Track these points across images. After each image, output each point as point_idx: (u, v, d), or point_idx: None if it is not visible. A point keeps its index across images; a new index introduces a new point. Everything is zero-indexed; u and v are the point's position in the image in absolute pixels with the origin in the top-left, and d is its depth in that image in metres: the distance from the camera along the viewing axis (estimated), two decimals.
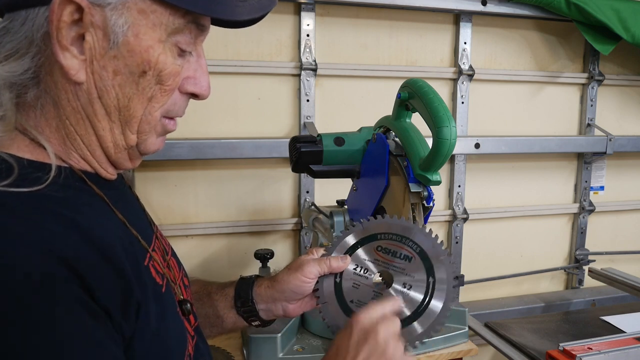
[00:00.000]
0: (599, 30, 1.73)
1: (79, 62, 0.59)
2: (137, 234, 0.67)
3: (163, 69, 0.62)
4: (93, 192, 0.64)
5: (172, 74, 0.63)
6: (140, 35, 0.59)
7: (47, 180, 0.57)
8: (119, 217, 0.66)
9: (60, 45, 0.57)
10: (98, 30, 0.58)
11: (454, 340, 1.24)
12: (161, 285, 0.68)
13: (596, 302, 1.93)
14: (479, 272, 1.90)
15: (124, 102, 0.62)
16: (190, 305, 0.75)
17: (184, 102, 0.69)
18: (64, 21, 0.56)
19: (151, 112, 0.64)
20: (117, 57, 0.60)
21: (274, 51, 1.60)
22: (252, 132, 1.59)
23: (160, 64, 0.61)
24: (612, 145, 1.88)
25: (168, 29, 0.61)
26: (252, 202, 1.64)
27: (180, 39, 0.63)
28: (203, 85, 0.68)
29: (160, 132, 0.69)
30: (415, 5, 1.63)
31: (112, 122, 0.63)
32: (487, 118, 1.85)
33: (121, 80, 0.61)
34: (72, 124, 0.62)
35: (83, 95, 0.61)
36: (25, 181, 0.56)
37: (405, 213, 0.93)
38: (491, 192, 1.91)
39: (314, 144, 1.11)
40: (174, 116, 0.69)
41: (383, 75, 1.70)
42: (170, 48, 0.62)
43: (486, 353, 1.87)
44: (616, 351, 1.19)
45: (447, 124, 0.84)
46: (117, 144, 0.65)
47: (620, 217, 2.08)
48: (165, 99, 0.65)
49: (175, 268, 0.79)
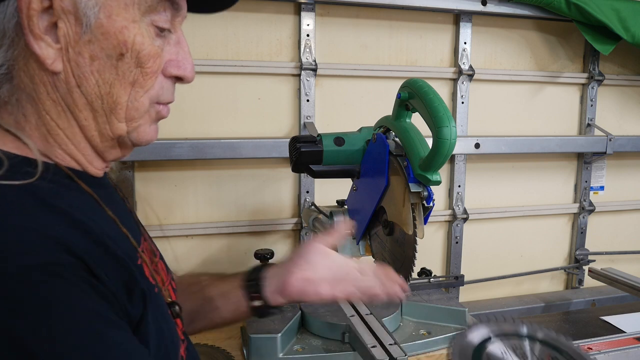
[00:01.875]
0: (599, 30, 1.73)
1: (54, 50, 0.57)
2: (127, 233, 0.66)
3: (141, 50, 0.60)
4: (82, 189, 0.62)
5: (151, 55, 0.61)
6: (113, 16, 0.57)
7: (36, 175, 0.56)
8: (110, 214, 0.64)
9: (33, 35, 0.55)
10: (70, 16, 0.56)
11: None
12: (154, 285, 0.67)
13: (596, 302, 1.93)
14: (479, 272, 1.90)
15: (105, 88, 0.60)
16: (180, 308, 0.73)
17: (171, 86, 0.67)
18: (33, 9, 0.55)
19: (137, 98, 0.62)
20: (92, 42, 0.58)
21: (274, 51, 1.60)
22: (252, 132, 1.59)
23: (137, 44, 0.59)
24: (612, 145, 1.88)
25: (141, 7, 0.59)
26: (252, 202, 1.64)
27: (156, 17, 0.61)
28: (187, 67, 0.66)
29: (154, 118, 0.67)
30: (415, 5, 1.63)
31: (95, 111, 0.61)
32: (487, 118, 1.85)
33: (99, 65, 0.59)
34: (53, 118, 0.60)
35: (62, 85, 0.59)
36: (17, 174, 0.55)
37: (406, 213, 0.93)
38: (491, 192, 1.91)
39: (314, 144, 1.11)
40: (164, 102, 0.67)
41: (383, 75, 1.70)
42: (147, 28, 0.61)
43: None
44: (616, 351, 1.19)
45: (447, 124, 0.84)
46: (103, 134, 0.63)
47: (620, 217, 2.08)
48: (149, 82, 0.63)
49: (164, 271, 0.78)
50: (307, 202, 1.64)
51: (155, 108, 0.66)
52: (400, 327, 1.27)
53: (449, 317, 1.28)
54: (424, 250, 1.40)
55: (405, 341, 1.18)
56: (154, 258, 0.75)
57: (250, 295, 0.88)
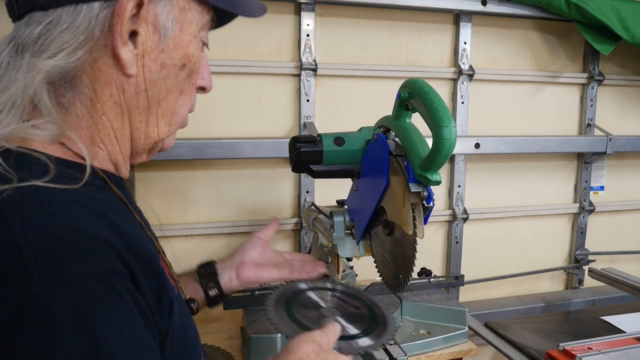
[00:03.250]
0: (599, 30, 1.73)
1: (133, 56, 0.61)
2: (152, 236, 0.70)
3: (195, 62, 0.67)
4: (113, 192, 0.66)
5: (198, 67, 0.68)
6: (184, 30, 0.64)
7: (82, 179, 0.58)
8: (137, 218, 0.67)
9: (122, 40, 0.60)
10: (150, 25, 0.61)
11: (454, 340, 1.24)
12: (174, 287, 0.68)
13: (596, 302, 1.93)
14: (479, 272, 1.90)
15: (164, 94, 0.66)
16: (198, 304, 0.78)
17: (195, 94, 0.73)
18: (127, 16, 0.59)
19: (182, 106, 0.69)
20: (165, 51, 0.63)
21: (274, 51, 1.60)
22: (252, 132, 1.59)
23: (194, 57, 0.67)
24: (612, 145, 1.88)
25: (199, 24, 0.66)
26: (252, 202, 1.64)
27: (204, 34, 0.68)
28: (208, 78, 0.72)
29: (182, 124, 0.72)
30: (415, 5, 1.63)
31: (150, 114, 0.66)
32: (487, 118, 1.85)
33: (166, 73, 0.64)
34: (109, 119, 0.63)
35: (130, 88, 0.63)
36: (62, 179, 0.56)
37: (406, 213, 0.93)
38: (491, 192, 1.91)
39: (314, 144, 1.11)
40: (191, 110, 0.73)
41: (383, 75, 1.70)
42: (199, 43, 0.68)
43: (486, 353, 1.87)
44: (616, 351, 1.19)
45: (447, 124, 0.84)
46: (149, 136, 0.68)
47: (620, 217, 2.08)
48: (193, 92, 0.69)
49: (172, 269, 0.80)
50: (307, 202, 1.64)
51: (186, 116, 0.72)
52: (400, 327, 1.27)
53: (449, 317, 1.28)
54: (424, 250, 1.40)
55: (405, 341, 1.18)
56: (165, 257, 0.77)
57: (207, 285, 0.98)
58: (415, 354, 1.18)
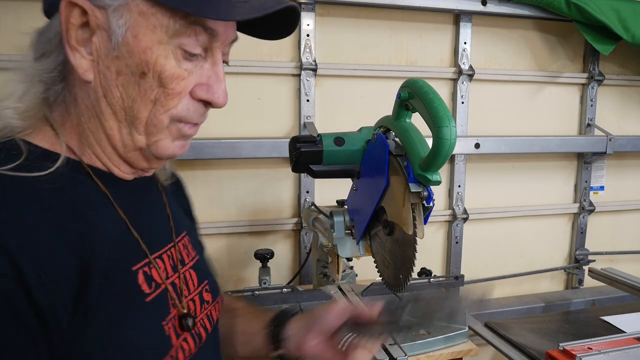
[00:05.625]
0: (599, 30, 1.73)
1: (87, 62, 0.62)
2: (137, 236, 0.67)
3: (162, 71, 0.62)
4: (96, 187, 0.66)
5: (174, 77, 0.63)
6: (139, 37, 0.61)
7: (48, 169, 0.60)
8: (120, 215, 0.66)
9: (69, 46, 0.61)
10: (103, 32, 0.61)
11: (454, 340, 1.24)
12: (147, 294, 0.66)
13: (596, 302, 1.93)
14: (479, 272, 1.90)
15: (128, 102, 0.64)
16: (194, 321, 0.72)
17: (199, 108, 0.68)
18: (72, 23, 0.60)
19: (156, 115, 0.65)
20: (119, 58, 0.62)
21: (274, 51, 1.60)
22: (252, 132, 1.59)
23: (158, 65, 0.62)
24: (612, 145, 1.88)
25: (169, 30, 0.61)
26: (252, 202, 1.64)
27: (185, 41, 0.62)
28: (215, 93, 0.69)
29: (175, 135, 0.68)
30: (415, 5, 1.63)
31: (120, 122, 0.65)
32: (487, 118, 1.85)
33: (124, 80, 0.63)
34: (85, 121, 0.65)
35: (92, 93, 0.64)
36: (30, 167, 0.59)
37: (406, 213, 0.93)
38: (491, 192, 1.91)
39: (314, 144, 1.11)
40: (189, 122, 0.68)
41: (383, 75, 1.70)
42: (173, 50, 0.62)
43: (486, 353, 1.87)
44: (616, 351, 1.19)
45: (447, 124, 0.84)
46: (126, 144, 0.66)
47: (620, 217, 2.08)
48: (172, 102, 0.65)
49: (193, 281, 0.77)
50: (307, 202, 1.64)
51: (176, 126, 0.67)
52: None
53: None
54: (424, 250, 1.40)
55: (405, 341, 1.18)
56: (180, 267, 0.75)
57: (273, 344, 0.87)
58: (415, 354, 1.18)
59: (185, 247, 0.79)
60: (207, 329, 0.77)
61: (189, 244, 0.80)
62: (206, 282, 0.81)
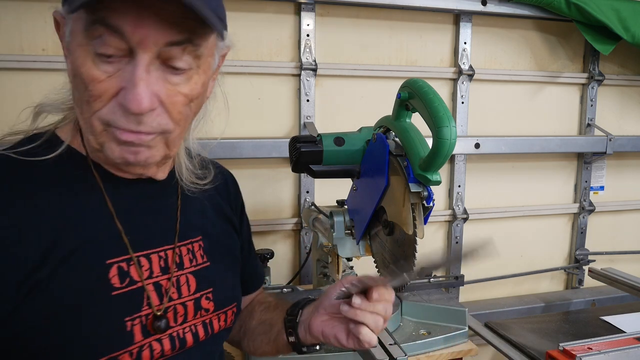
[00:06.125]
0: (599, 30, 1.73)
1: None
2: (122, 232, 0.70)
3: (80, 73, 0.63)
4: (93, 180, 0.71)
5: (90, 80, 0.62)
6: (72, 42, 0.64)
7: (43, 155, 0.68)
8: (110, 209, 0.70)
9: (64, 51, 0.68)
10: (63, 40, 0.67)
11: (454, 340, 1.24)
12: (116, 288, 0.68)
13: (596, 302, 1.93)
14: (479, 272, 1.90)
15: (76, 104, 0.67)
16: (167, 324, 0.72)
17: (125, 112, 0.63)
18: (60, 32, 0.68)
19: (88, 117, 0.65)
20: (69, 63, 0.66)
21: (274, 51, 1.60)
22: (252, 132, 1.59)
23: (78, 68, 0.63)
24: (612, 145, 1.88)
25: (82, 33, 0.62)
26: (252, 202, 1.64)
27: (95, 43, 0.61)
28: (126, 97, 0.62)
29: (116, 139, 0.65)
30: (415, 5, 1.63)
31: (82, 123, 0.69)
32: (487, 118, 1.85)
33: (72, 83, 0.67)
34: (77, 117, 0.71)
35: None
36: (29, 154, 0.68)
37: (406, 213, 0.93)
38: (491, 192, 1.91)
39: (314, 144, 1.11)
40: (119, 127, 0.64)
41: (383, 75, 1.70)
42: (90, 53, 0.62)
43: (486, 353, 1.87)
44: (616, 351, 1.19)
45: (447, 124, 0.84)
46: (90, 145, 0.69)
47: (620, 217, 2.08)
48: (95, 105, 0.63)
49: (189, 286, 0.77)
50: (307, 202, 1.64)
51: (111, 130, 0.65)
52: (400, 327, 1.27)
53: (449, 317, 1.28)
54: (424, 250, 1.40)
55: (405, 341, 1.18)
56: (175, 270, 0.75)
57: (288, 331, 0.88)
58: (415, 354, 1.18)
59: (190, 252, 0.79)
60: (197, 337, 0.77)
61: (199, 250, 0.80)
62: (210, 290, 0.80)
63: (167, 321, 0.72)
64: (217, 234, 0.86)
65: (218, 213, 0.88)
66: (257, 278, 1.04)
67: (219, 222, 0.88)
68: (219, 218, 0.88)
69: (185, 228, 0.79)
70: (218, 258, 0.83)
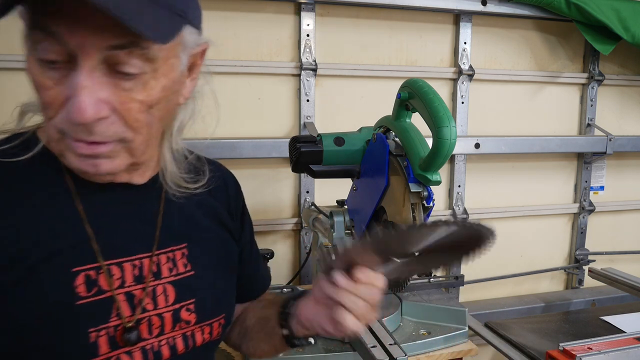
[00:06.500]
0: (599, 30, 1.73)
1: None
2: (92, 237, 0.67)
3: (32, 80, 0.61)
4: (63, 183, 0.68)
5: (39, 86, 0.61)
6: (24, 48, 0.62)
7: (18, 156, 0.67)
8: (80, 214, 0.68)
9: None
10: None
11: (454, 340, 1.24)
12: (81, 297, 0.65)
13: (596, 302, 1.93)
14: (479, 272, 1.90)
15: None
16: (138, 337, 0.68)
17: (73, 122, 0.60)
18: None
19: (47, 123, 0.64)
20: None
21: (274, 51, 1.60)
22: (252, 132, 1.59)
23: (29, 74, 0.61)
24: (612, 145, 1.88)
25: (26, 38, 0.61)
26: (252, 202, 1.63)
27: (38, 48, 0.59)
28: (70, 107, 0.59)
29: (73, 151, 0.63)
30: (415, 5, 1.63)
31: None
32: (487, 118, 1.85)
33: None
34: None
35: None
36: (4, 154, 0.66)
37: (406, 213, 0.93)
38: (491, 192, 1.91)
39: (314, 144, 1.11)
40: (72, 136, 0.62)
41: (383, 75, 1.70)
42: (36, 58, 0.60)
43: (486, 353, 1.87)
44: (616, 351, 1.19)
45: (447, 124, 0.84)
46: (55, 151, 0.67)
47: (620, 217, 2.08)
48: (49, 112, 0.62)
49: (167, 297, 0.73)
50: (307, 202, 1.64)
51: (67, 141, 0.63)
52: (400, 327, 1.27)
53: (449, 317, 1.28)
54: None
55: (405, 341, 1.18)
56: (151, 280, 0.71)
57: (281, 323, 0.83)
58: (415, 354, 1.18)
59: (171, 261, 0.75)
60: (175, 350, 0.73)
61: (182, 259, 0.76)
62: (191, 301, 0.75)
63: (138, 333, 0.68)
64: (207, 240, 0.81)
65: (211, 218, 0.83)
66: (260, 282, 0.99)
67: (212, 227, 0.83)
68: (212, 223, 0.83)
69: (166, 235, 0.75)
70: (206, 267, 0.79)
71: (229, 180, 0.93)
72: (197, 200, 0.80)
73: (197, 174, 0.82)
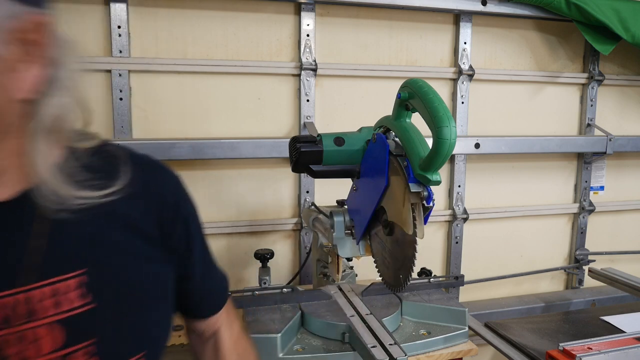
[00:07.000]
0: (599, 30, 1.73)
1: None
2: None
3: None
4: None
5: None
6: None
7: None
8: None
9: None
10: None
11: (454, 340, 1.24)
12: None
13: (596, 302, 1.93)
14: (479, 272, 1.90)
15: None
16: None
17: None
18: None
19: None
20: None
21: (274, 51, 1.60)
22: (252, 132, 1.59)
23: None
24: (612, 145, 1.88)
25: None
26: (252, 202, 1.64)
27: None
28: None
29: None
30: (415, 5, 1.63)
31: None
32: (487, 118, 1.85)
33: None
34: None
35: None
36: None
37: (406, 213, 0.93)
38: (491, 192, 1.91)
39: (314, 144, 1.11)
40: None
41: (383, 75, 1.70)
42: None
43: (486, 353, 1.87)
44: (616, 351, 1.19)
45: (447, 124, 0.84)
46: None
47: (620, 217, 2.08)
48: None
49: (54, 340, 0.59)
50: (307, 202, 1.64)
51: None
52: (400, 327, 1.27)
53: (449, 317, 1.28)
54: (424, 250, 1.40)
55: (405, 341, 1.18)
56: (21, 322, 0.58)
57: None
58: (415, 354, 1.18)
59: (58, 294, 0.60)
60: None
61: (77, 289, 0.61)
62: (92, 341, 0.61)
63: None
64: (119, 262, 0.65)
65: (126, 231, 0.66)
66: (215, 298, 0.85)
67: (127, 243, 0.66)
68: (127, 237, 0.66)
69: (52, 262, 0.60)
70: (116, 296, 0.64)
71: (167, 183, 0.76)
72: (107, 210, 0.64)
73: (108, 177, 0.65)
